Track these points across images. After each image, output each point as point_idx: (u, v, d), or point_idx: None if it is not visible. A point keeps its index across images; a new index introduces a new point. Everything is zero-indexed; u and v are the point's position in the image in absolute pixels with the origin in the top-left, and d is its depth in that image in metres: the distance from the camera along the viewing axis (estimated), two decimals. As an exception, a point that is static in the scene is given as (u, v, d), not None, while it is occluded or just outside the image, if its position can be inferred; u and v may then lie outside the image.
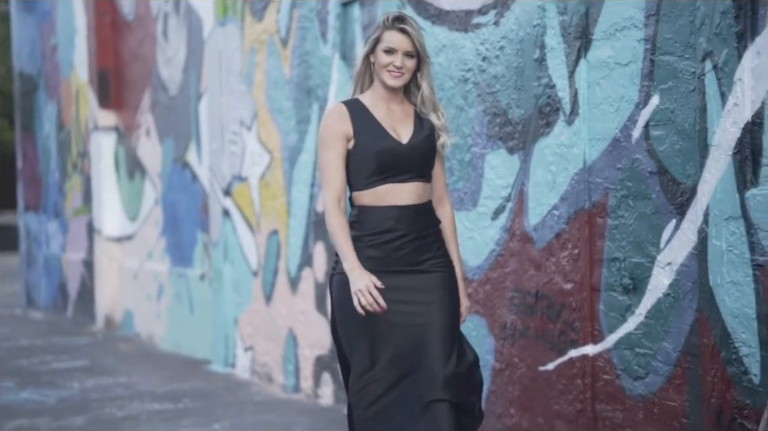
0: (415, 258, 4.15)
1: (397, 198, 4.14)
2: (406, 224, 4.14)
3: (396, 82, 4.16)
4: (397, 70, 4.14)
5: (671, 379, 4.61)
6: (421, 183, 4.20)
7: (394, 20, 4.16)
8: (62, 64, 12.91)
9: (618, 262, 4.90)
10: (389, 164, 4.14)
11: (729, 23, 4.26)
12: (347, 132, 4.16)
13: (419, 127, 4.22)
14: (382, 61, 4.15)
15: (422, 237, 4.18)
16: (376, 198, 4.16)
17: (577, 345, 5.12)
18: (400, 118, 4.22)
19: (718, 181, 4.32)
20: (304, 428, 6.52)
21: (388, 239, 4.13)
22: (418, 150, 4.19)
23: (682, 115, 4.54)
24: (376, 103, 4.21)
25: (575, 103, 5.10)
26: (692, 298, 4.50)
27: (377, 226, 4.14)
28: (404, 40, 4.13)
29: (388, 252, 4.13)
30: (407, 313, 4.10)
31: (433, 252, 4.20)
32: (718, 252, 4.33)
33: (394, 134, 4.18)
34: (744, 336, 4.21)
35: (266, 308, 8.10)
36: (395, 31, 4.14)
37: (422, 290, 4.14)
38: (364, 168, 4.16)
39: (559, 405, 5.23)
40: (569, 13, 5.12)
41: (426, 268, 4.17)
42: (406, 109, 4.25)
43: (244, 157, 8.45)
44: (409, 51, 4.14)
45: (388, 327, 4.08)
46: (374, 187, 4.15)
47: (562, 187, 5.21)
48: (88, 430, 6.63)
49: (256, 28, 8.21)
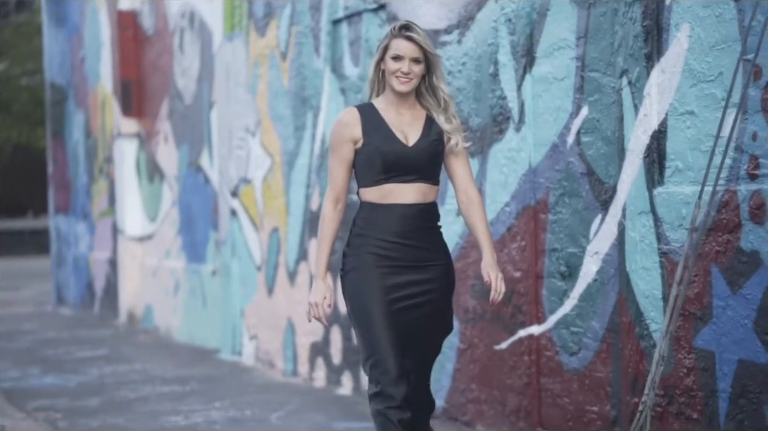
0: (417, 255, 4.31)
1: (401, 197, 4.30)
2: (408, 222, 4.29)
3: (404, 87, 4.32)
4: (405, 76, 4.29)
5: (598, 353, 5.29)
6: (426, 185, 4.34)
7: (401, 29, 4.32)
8: (90, 75, 13.71)
9: (557, 252, 5.58)
10: (394, 165, 4.29)
11: (640, 45, 4.94)
12: (354, 135, 4.34)
13: (428, 130, 4.35)
14: (391, 67, 4.31)
15: (424, 236, 4.34)
16: (380, 196, 4.31)
17: (524, 326, 5.80)
18: (408, 122, 4.36)
19: (633, 180, 5.01)
20: (296, 406, 7.22)
21: (391, 237, 4.30)
22: (424, 153, 4.32)
23: (606, 124, 5.22)
24: (387, 107, 4.37)
25: (522, 112, 5.78)
26: (614, 283, 5.17)
27: (381, 223, 4.30)
28: (410, 47, 4.28)
29: (392, 250, 4.29)
30: (406, 307, 4.30)
31: (434, 254, 4.36)
32: (632, 243, 5.01)
33: (402, 137, 4.32)
34: (653, 315, 4.89)
35: (268, 300, 8.83)
36: (402, 38, 4.29)
37: (421, 293, 4.32)
38: (371, 167, 4.32)
39: (510, 379, 5.91)
40: (517, 34, 5.81)
41: (429, 271, 4.34)
42: (416, 113, 4.39)
43: (249, 160, 9.18)
44: (415, 57, 4.28)
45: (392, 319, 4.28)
46: (379, 185, 4.31)
47: (513, 186, 5.89)
48: (102, 409, 7.34)
49: (259, 43, 8.94)
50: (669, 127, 4.82)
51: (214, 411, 7.12)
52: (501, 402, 5.98)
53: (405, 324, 4.30)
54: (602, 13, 5.20)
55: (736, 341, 4.44)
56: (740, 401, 4.43)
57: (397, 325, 4.28)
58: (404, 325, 4.30)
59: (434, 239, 4.39)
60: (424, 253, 4.33)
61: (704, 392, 4.61)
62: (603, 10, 5.20)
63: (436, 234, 4.40)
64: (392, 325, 4.27)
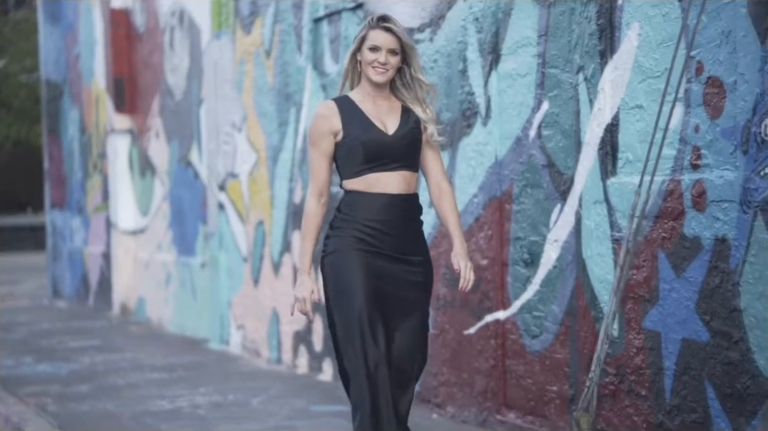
0: (400, 246, 4.38)
1: (386, 186, 4.35)
2: (393, 211, 4.36)
3: (381, 78, 4.38)
4: (382, 67, 4.36)
5: (558, 336, 5.56)
6: (408, 172, 4.40)
7: (379, 20, 4.40)
8: (84, 72, 13.97)
9: (520, 241, 5.85)
10: (376, 154, 4.34)
11: (594, 43, 5.21)
12: (334, 127, 4.39)
13: (406, 119, 4.43)
14: (368, 58, 4.37)
15: (407, 227, 4.41)
16: (366, 185, 4.36)
17: (491, 312, 6.07)
18: (386, 112, 4.42)
19: (588, 172, 5.28)
20: (277, 391, 7.49)
21: (375, 224, 4.35)
22: (403, 140, 4.38)
23: (564, 118, 5.49)
24: (363, 98, 4.43)
25: (489, 107, 6.05)
26: (572, 269, 5.44)
27: (366, 210, 4.36)
28: (388, 38, 4.35)
29: (375, 237, 4.35)
30: (389, 295, 4.37)
31: (415, 247, 4.44)
32: (588, 230, 5.28)
33: (381, 126, 4.38)
34: (606, 298, 5.16)
35: (254, 290, 9.10)
36: (380, 30, 4.37)
37: (404, 284, 4.40)
38: (353, 158, 4.37)
39: (478, 362, 6.18)
40: (484, 32, 6.07)
41: (410, 264, 4.41)
42: (392, 104, 4.46)
43: (235, 155, 9.45)
44: (392, 48, 4.35)
45: (374, 307, 4.34)
46: (363, 175, 4.37)
47: (480, 178, 6.16)
48: (91, 395, 7.61)
49: (245, 41, 9.21)
50: (621, 120, 5.08)
51: (198, 396, 7.40)
52: (469, 384, 6.24)
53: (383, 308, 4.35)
54: (561, 12, 5.47)
55: (680, 321, 4.70)
56: (683, 377, 4.69)
57: (378, 301, 4.33)
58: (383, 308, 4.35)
59: (416, 233, 4.47)
60: (405, 245, 4.40)
61: (652, 370, 4.88)
62: (562, 9, 5.46)
63: (418, 227, 4.48)
64: (373, 300, 4.31)
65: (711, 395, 4.54)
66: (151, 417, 6.74)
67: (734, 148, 4.42)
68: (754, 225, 4.30)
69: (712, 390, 4.54)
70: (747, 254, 4.34)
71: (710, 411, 4.55)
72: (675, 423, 4.74)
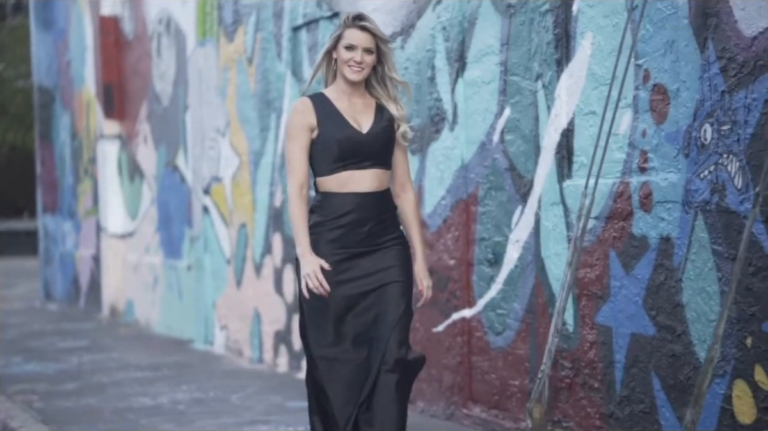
0: (373, 240, 4.43)
1: (358, 185, 4.40)
2: (365, 209, 4.41)
3: (356, 76, 4.42)
4: (357, 65, 4.40)
5: (519, 333, 5.79)
6: (381, 170, 4.45)
7: (354, 19, 4.44)
8: (75, 78, 14.21)
9: (485, 241, 6.08)
10: (350, 152, 4.39)
11: (551, 52, 5.45)
12: (311, 123, 4.42)
13: (379, 117, 4.47)
14: (344, 56, 4.40)
15: (381, 221, 4.45)
16: (338, 184, 4.41)
17: (458, 310, 6.30)
18: (361, 110, 4.47)
19: (547, 175, 5.52)
20: (257, 389, 7.73)
21: (348, 223, 4.40)
22: (378, 138, 4.44)
23: (524, 124, 5.72)
24: (339, 96, 4.46)
25: (455, 113, 6.29)
26: (532, 268, 5.68)
27: (338, 211, 4.40)
28: (364, 36, 4.39)
29: (348, 235, 4.40)
30: (365, 293, 4.42)
31: (389, 235, 4.49)
32: (546, 231, 5.52)
33: (355, 124, 4.42)
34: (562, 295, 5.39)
35: (237, 292, 9.34)
36: (355, 28, 4.41)
37: (379, 269, 4.44)
38: (327, 155, 4.41)
39: (446, 359, 6.41)
40: (451, 41, 6.31)
41: (383, 246, 4.45)
42: (367, 101, 4.50)
43: (219, 160, 9.69)
44: (368, 47, 4.40)
45: (348, 307, 4.42)
46: (336, 173, 4.40)
47: (448, 181, 6.40)
48: (77, 392, 7.84)
49: (228, 49, 9.45)
50: (576, 125, 5.32)
51: (180, 393, 7.63)
52: (438, 379, 6.47)
53: (361, 311, 4.42)
54: (521, 22, 5.71)
55: (629, 317, 4.94)
56: (632, 370, 4.93)
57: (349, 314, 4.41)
58: (360, 312, 4.42)
59: (389, 225, 4.50)
60: (377, 237, 4.44)
61: (604, 363, 5.12)
62: (522, 19, 5.70)
63: (391, 219, 4.52)
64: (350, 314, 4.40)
65: (657, 386, 4.78)
66: (133, 413, 6.97)
67: (677, 151, 4.66)
68: (695, 224, 4.54)
69: (658, 382, 4.77)
70: (689, 252, 4.57)
71: (656, 402, 4.78)
72: (624, 413, 4.98)
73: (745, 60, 4.28)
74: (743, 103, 4.27)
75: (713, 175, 4.44)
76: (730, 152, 4.35)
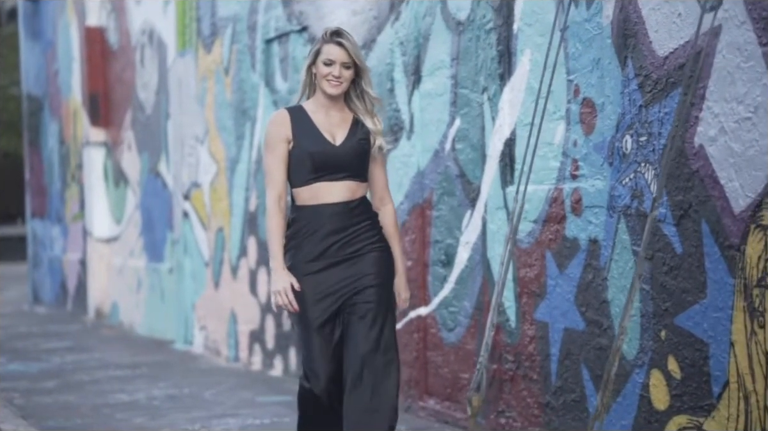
0: (348, 249, 4.50)
1: (330, 195, 4.48)
2: (338, 220, 4.49)
3: (334, 91, 4.52)
4: (336, 80, 4.49)
5: (469, 329, 6.18)
6: (354, 182, 4.54)
7: (332, 34, 4.52)
8: (63, 86, 14.58)
9: (439, 244, 6.47)
10: (322, 164, 4.48)
11: (495, 66, 5.84)
12: (287, 135, 4.52)
13: (355, 130, 4.57)
14: (322, 71, 4.50)
15: (354, 231, 4.52)
16: (311, 195, 4.50)
17: (415, 308, 6.68)
18: (337, 123, 4.56)
19: (492, 181, 5.91)
20: (230, 386, 8.11)
21: (322, 235, 4.48)
22: (351, 151, 4.53)
23: (473, 133, 6.11)
24: (317, 108, 4.56)
25: (412, 123, 6.68)
26: (479, 268, 6.06)
27: (312, 222, 4.48)
28: (341, 52, 4.48)
29: (322, 246, 4.49)
30: (343, 301, 4.50)
31: (366, 241, 4.54)
32: (492, 234, 5.91)
33: (330, 137, 4.52)
34: (506, 294, 5.78)
35: (215, 293, 9.72)
36: (333, 44, 4.49)
37: (356, 276, 4.51)
38: (302, 167, 4.51)
39: (404, 354, 6.78)
40: (408, 55, 6.70)
41: (360, 253, 4.52)
42: (345, 115, 4.59)
43: (198, 167, 10.08)
44: (345, 62, 4.49)
45: (324, 320, 4.51)
46: (309, 184, 4.50)
47: (405, 187, 6.79)
48: (57, 389, 8.21)
49: (206, 59, 9.84)
50: (517, 135, 5.71)
51: (156, 390, 8.01)
52: (397, 375, 6.85)
53: (344, 323, 4.51)
54: (469, 38, 6.10)
55: (563, 313, 5.33)
56: (565, 362, 5.32)
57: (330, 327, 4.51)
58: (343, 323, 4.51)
59: (365, 232, 4.55)
60: (354, 246, 4.51)
61: (541, 356, 5.50)
62: (469, 36, 6.09)
63: (368, 226, 4.57)
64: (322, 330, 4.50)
65: (586, 377, 5.17)
66: (109, 408, 7.35)
67: (603, 160, 5.05)
68: (618, 228, 4.93)
69: (587, 373, 5.16)
70: (613, 253, 4.96)
71: (585, 391, 5.17)
72: (559, 402, 5.37)
73: (659, 77, 4.67)
74: (657, 116, 4.66)
75: (633, 182, 4.83)
76: (647, 161, 4.74)
